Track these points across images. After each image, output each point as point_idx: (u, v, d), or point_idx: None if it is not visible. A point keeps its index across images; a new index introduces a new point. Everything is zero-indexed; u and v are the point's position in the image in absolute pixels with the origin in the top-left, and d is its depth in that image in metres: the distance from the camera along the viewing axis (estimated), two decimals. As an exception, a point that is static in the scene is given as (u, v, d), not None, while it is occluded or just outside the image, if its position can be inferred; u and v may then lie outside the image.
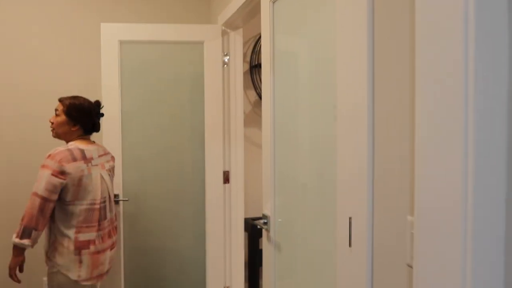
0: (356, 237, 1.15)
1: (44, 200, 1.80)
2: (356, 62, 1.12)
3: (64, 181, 1.82)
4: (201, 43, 2.60)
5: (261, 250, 2.87)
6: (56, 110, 1.99)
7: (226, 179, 2.64)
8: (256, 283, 2.96)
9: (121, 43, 2.52)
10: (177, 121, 2.62)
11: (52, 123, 1.99)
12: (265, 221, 1.79)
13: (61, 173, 1.82)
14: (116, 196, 2.45)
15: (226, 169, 2.65)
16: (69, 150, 1.87)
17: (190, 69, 2.65)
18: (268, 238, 1.78)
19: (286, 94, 1.65)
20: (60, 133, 1.99)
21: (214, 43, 2.60)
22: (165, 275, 2.69)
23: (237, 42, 2.66)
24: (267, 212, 1.79)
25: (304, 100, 1.51)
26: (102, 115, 2.11)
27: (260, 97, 3.20)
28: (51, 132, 2.03)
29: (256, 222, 1.82)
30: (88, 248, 1.90)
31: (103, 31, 2.48)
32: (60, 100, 2.00)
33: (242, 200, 2.67)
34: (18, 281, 1.89)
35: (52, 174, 1.80)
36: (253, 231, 2.91)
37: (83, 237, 1.89)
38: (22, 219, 1.80)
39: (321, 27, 1.37)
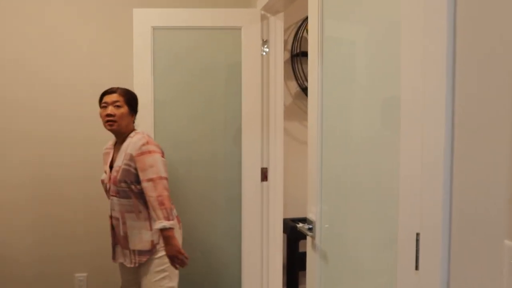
0: (425, 259, 0.93)
1: (167, 180, 1.90)
2: (431, 45, 0.89)
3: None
4: (238, 29, 2.41)
5: (301, 253, 2.68)
6: (115, 101, 1.93)
7: (264, 177, 2.46)
8: (295, 288, 2.77)
9: (154, 29, 2.38)
10: (211, 112, 2.45)
11: (113, 115, 1.92)
12: (310, 226, 1.59)
13: (163, 154, 1.94)
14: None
15: (264, 165, 2.47)
16: (148, 135, 1.96)
17: (226, 57, 2.47)
18: (313, 245, 1.58)
19: (336, 85, 1.44)
20: (123, 125, 1.95)
21: (252, 28, 2.40)
22: (197, 276, 2.55)
23: (278, 28, 2.45)
24: (312, 216, 1.59)
25: (358, 92, 1.30)
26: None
27: (302, 89, 2.98)
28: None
29: (300, 227, 1.63)
30: (179, 223, 2.04)
31: (136, 17, 2.35)
32: (114, 90, 1.95)
33: (281, 199, 2.49)
34: (187, 258, 1.92)
35: (162, 156, 1.91)
36: (293, 232, 2.72)
37: (176, 212, 2.01)
38: (162, 203, 1.84)
39: (380, 8, 1.15)
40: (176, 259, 1.90)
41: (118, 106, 1.93)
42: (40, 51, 2.59)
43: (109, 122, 1.93)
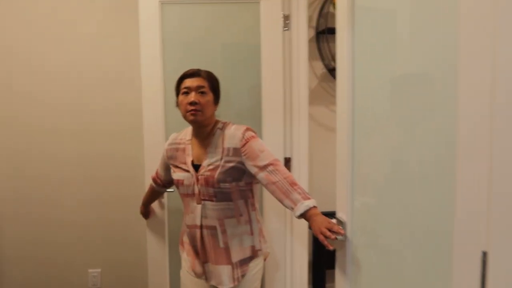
0: (497, 286, 0.70)
1: None
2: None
3: None
4: (256, 2, 2.17)
5: (328, 252, 2.46)
6: (200, 87, 1.62)
7: (288, 167, 2.24)
8: (322, 287, 2.57)
9: (162, 4, 2.16)
10: (227, 96, 2.24)
11: (197, 103, 1.60)
12: (340, 227, 1.37)
13: None
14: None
15: (288, 155, 2.25)
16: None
17: (243, 35, 2.24)
18: (344, 249, 1.36)
19: (371, 64, 1.21)
20: (208, 116, 1.65)
21: (272, 2, 2.15)
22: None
23: (301, 2, 2.20)
24: (342, 216, 1.37)
25: (400, 71, 1.05)
26: None
27: (329, 70, 2.72)
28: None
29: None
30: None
31: (141, -10, 2.14)
32: (197, 73, 1.65)
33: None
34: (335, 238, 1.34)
35: None
36: (319, 227, 2.50)
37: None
38: (293, 183, 1.54)
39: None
40: (330, 232, 1.34)
41: (203, 93, 1.62)
42: (42, 37, 2.44)
43: (193, 111, 1.60)
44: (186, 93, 1.64)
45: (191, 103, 1.60)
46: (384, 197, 1.15)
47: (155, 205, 2.17)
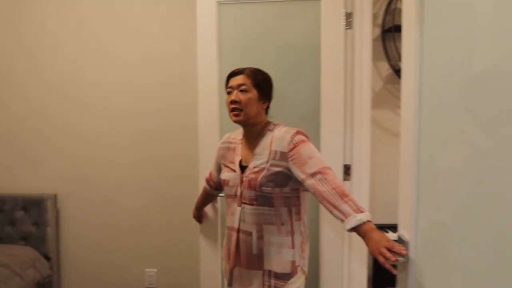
0: None
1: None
2: None
3: None
4: (317, 0, 2.05)
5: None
6: (241, 85, 1.56)
7: (347, 175, 2.09)
8: (383, 306, 2.37)
9: (219, 4, 2.12)
10: (284, 99, 2.14)
11: (238, 102, 1.55)
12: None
13: None
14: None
15: (347, 162, 2.10)
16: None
17: (303, 34, 2.13)
18: (406, 271, 1.21)
19: (443, 62, 1.06)
20: (251, 115, 1.56)
21: (334, -1, 2.03)
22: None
23: (365, -2, 2.05)
24: (404, 233, 1.22)
25: (480, 70, 0.90)
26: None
27: (395, 71, 2.53)
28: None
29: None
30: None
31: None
32: (240, 71, 1.59)
33: (366, 202, 2.10)
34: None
35: None
36: (381, 241, 2.31)
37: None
38: (344, 195, 1.39)
39: None
40: (389, 251, 1.21)
41: (244, 91, 1.55)
42: (100, 41, 2.52)
43: (234, 110, 1.56)
44: (230, 92, 1.59)
45: (232, 102, 1.56)
46: (463, 214, 0.98)
47: (208, 209, 2.13)
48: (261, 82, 1.58)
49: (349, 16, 2.05)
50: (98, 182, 2.58)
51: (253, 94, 1.56)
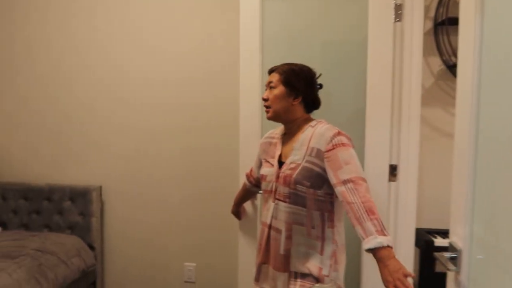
0: None
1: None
2: None
3: None
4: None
5: (437, 274, 2.14)
6: (269, 83, 1.58)
7: (393, 176, 1.99)
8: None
9: (263, 0, 2.07)
10: (329, 96, 2.07)
11: (266, 100, 1.58)
12: (453, 255, 1.13)
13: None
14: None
15: (394, 162, 1.99)
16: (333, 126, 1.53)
17: (347, 30, 2.04)
18: (457, 283, 1.11)
19: (505, 60, 0.94)
20: (280, 111, 1.56)
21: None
22: None
23: (417, -11, 1.93)
24: (457, 241, 1.12)
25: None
26: (321, 86, 1.66)
27: (448, 66, 2.37)
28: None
29: (438, 255, 1.17)
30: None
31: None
32: (273, 69, 1.60)
33: (413, 204, 1.99)
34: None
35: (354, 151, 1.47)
36: (427, 247, 2.19)
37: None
38: (371, 212, 1.31)
39: None
40: (401, 284, 1.18)
41: (272, 88, 1.57)
42: (144, 38, 2.55)
43: (265, 108, 1.59)
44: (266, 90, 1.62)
45: (263, 99, 1.60)
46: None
47: (248, 206, 2.11)
48: (291, 78, 1.54)
49: (398, 8, 1.94)
50: (141, 176, 2.63)
51: (279, 90, 1.55)
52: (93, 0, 2.60)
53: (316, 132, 1.49)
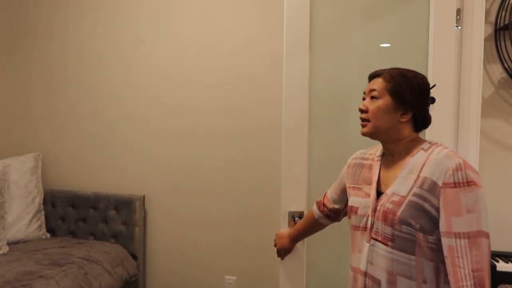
0: None
1: (489, 239, 1.10)
2: None
3: None
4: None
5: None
6: (371, 90, 1.25)
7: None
8: None
9: None
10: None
11: (365, 111, 1.26)
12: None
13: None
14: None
15: (451, 178, 1.85)
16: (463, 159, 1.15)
17: (404, 33, 1.93)
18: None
19: None
20: (380, 127, 1.23)
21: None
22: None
23: (477, -8, 1.80)
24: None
25: None
26: (433, 101, 1.40)
27: (510, 74, 2.20)
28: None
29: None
30: None
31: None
32: (377, 74, 1.28)
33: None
34: None
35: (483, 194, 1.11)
36: (492, 274, 2.00)
37: None
38: (480, 284, 1.05)
39: None
40: None
41: (374, 97, 1.24)
42: (186, 44, 2.55)
43: (362, 121, 1.27)
44: (363, 99, 1.30)
45: (359, 110, 1.28)
46: None
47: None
48: (401, 87, 1.22)
49: (457, 12, 1.82)
50: (183, 186, 2.62)
51: (384, 101, 1.22)
52: (138, 11, 2.64)
53: (432, 158, 1.16)
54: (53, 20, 2.82)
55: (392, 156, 1.28)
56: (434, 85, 1.38)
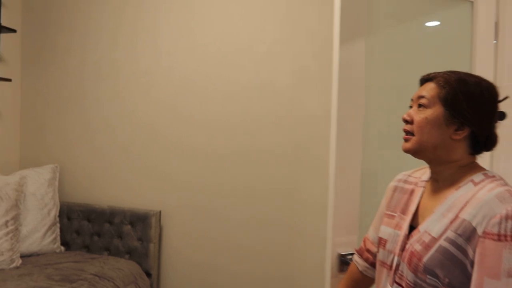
0: None
1: None
2: None
3: None
4: (469, 1, 1.71)
5: None
6: (420, 97, 1.03)
7: None
8: None
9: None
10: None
11: (409, 122, 1.04)
12: None
13: None
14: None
15: None
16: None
17: (449, 38, 1.79)
18: None
19: None
20: (426, 143, 1.00)
21: (488, 2, 1.69)
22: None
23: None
24: None
25: None
26: (503, 116, 1.12)
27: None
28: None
29: None
30: None
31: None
32: (430, 77, 1.04)
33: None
34: None
35: None
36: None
37: None
38: None
39: None
40: None
41: (422, 106, 1.02)
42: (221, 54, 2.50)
43: (405, 134, 1.05)
44: (410, 107, 1.08)
45: (403, 120, 1.06)
46: None
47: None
48: (456, 95, 0.97)
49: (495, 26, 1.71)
50: (201, 205, 2.53)
51: (434, 112, 0.99)
52: (158, 20, 2.62)
53: (479, 196, 0.92)
54: (72, 33, 2.83)
55: (437, 182, 1.04)
56: (507, 97, 1.05)
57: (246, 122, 2.44)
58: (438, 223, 0.96)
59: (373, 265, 1.23)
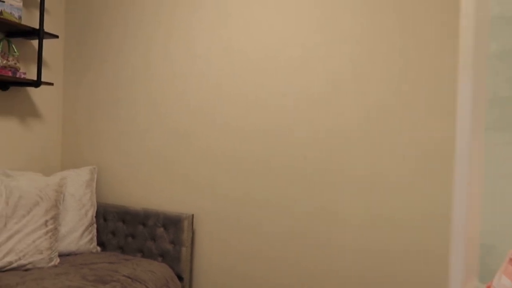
0: None
1: None
2: None
3: None
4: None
5: None
6: None
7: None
8: None
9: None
10: None
11: None
12: None
13: None
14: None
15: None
16: None
17: None
18: None
19: None
20: None
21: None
22: None
23: None
24: None
25: None
26: None
27: None
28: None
29: None
30: None
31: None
32: None
33: None
34: None
35: None
36: None
37: None
38: None
39: None
40: None
41: None
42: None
43: None
44: None
45: None
46: None
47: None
48: None
49: None
50: (235, 214, 2.50)
51: None
52: (192, 25, 2.62)
53: None
54: (110, 39, 2.89)
55: None
56: None
57: (285, 132, 2.38)
58: None
59: None
